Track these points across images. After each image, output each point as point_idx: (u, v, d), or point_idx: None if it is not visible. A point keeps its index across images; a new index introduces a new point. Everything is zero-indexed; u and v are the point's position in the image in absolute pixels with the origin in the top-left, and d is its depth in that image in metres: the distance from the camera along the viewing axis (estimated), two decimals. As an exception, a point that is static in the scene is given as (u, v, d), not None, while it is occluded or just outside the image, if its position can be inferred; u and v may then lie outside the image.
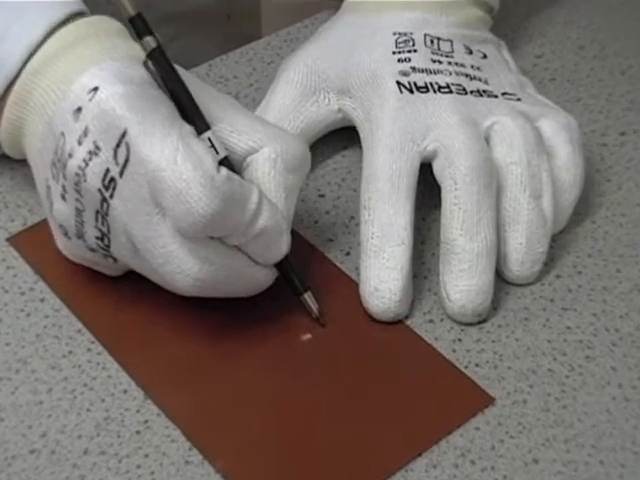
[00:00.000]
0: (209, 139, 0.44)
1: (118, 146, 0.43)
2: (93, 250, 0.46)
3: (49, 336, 0.47)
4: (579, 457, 0.44)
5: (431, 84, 0.52)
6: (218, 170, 0.42)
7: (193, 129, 0.44)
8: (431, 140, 0.50)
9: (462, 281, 0.47)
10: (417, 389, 0.46)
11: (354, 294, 0.49)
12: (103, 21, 0.48)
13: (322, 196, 0.55)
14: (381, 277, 0.48)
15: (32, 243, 0.51)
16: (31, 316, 0.48)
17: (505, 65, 0.56)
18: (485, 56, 0.55)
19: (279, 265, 0.47)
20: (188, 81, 0.46)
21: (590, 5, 0.68)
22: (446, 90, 0.52)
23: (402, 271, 0.48)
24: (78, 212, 0.45)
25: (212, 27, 0.72)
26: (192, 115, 0.45)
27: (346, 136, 0.56)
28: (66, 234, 0.46)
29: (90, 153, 0.43)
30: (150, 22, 0.45)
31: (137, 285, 0.48)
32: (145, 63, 0.45)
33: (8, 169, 0.54)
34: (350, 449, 0.43)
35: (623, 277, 0.51)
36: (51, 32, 0.46)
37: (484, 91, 0.53)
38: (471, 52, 0.55)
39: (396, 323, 0.48)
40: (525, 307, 0.49)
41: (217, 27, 0.73)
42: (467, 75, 0.53)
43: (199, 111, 0.45)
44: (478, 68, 0.54)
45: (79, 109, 0.44)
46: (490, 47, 0.56)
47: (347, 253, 0.52)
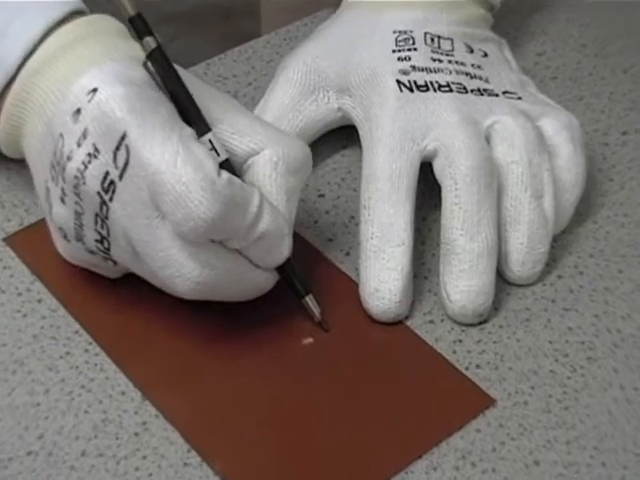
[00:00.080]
0: (210, 141, 0.44)
1: (118, 149, 0.42)
2: (93, 253, 0.46)
3: (46, 337, 0.47)
4: (581, 459, 0.43)
5: (431, 83, 0.52)
6: (219, 173, 0.42)
7: (194, 131, 0.43)
8: (431, 139, 0.50)
9: (463, 281, 0.47)
10: (417, 390, 0.46)
11: (354, 295, 0.48)
12: (103, 20, 0.47)
13: (322, 196, 0.55)
14: (381, 278, 0.47)
15: (29, 243, 0.51)
16: (28, 317, 0.48)
17: (506, 64, 0.56)
18: (486, 54, 0.55)
19: (280, 268, 0.46)
20: (188, 82, 0.45)
21: (592, 3, 0.68)
22: (446, 89, 0.52)
23: (402, 271, 0.47)
24: (77, 215, 0.45)
25: (211, 25, 0.72)
26: (193, 117, 0.44)
27: (345, 135, 0.56)
28: (65, 237, 0.46)
29: (89, 155, 0.43)
30: (149, 21, 0.45)
31: (136, 285, 0.47)
32: (145, 64, 0.45)
33: (4, 169, 0.54)
34: (349, 451, 0.43)
35: (625, 278, 0.51)
36: (50, 30, 0.46)
37: (485, 90, 0.52)
38: (472, 51, 0.55)
39: (396, 324, 0.48)
40: (526, 308, 0.49)
41: (216, 25, 0.72)
42: (467, 74, 0.53)
43: (200, 112, 0.45)
44: (479, 67, 0.54)
45: (78, 110, 0.44)
46: (491, 45, 0.56)
47: (347, 253, 0.51)
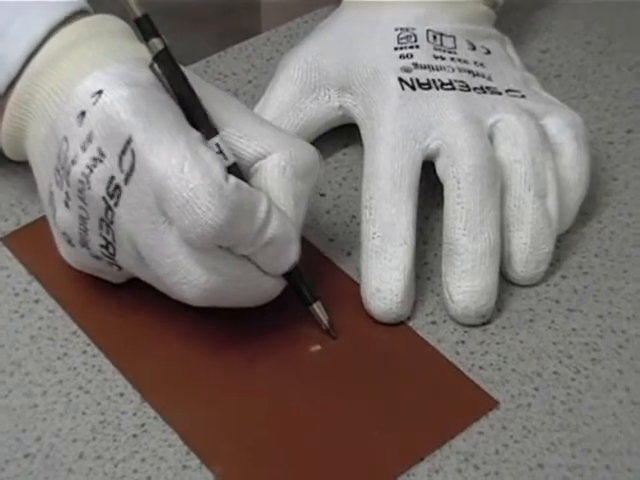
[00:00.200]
0: (217, 145, 0.43)
1: (123, 153, 0.42)
2: (97, 258, 0.45)
3: (44, 338, 0.47)
4: (585, 462, 0.43)
5: (433, 81, 0.51)
6: (226, 178, 0.41)
7: (201, 135, 0.43)
8: (433, 138, 0.49)
9: (465, 282, 0.47)
10: (419, 392, 0.45)
11: (355, 295, 0.48)
12: (107, 20, 0.47)
13: (322, 195, 0.54)
14: (383, 278, 0.47)
15: (26, 243, 0.50)
16: (25, 317, 0.48)
17: (509, 61, 0.55)
18: (489, 52, 0.55)
19: (288, 274, 0.45)
20: (195, 84, 0.45)
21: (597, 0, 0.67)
22: (449, 87, 0.51)
23: (404, 271, 0.47)
24: (82, 220, 0.44)
25: (210, 22, 0.72)
26: (200, 120, 0.44)
27: (347, 133, 0.56)
28: (70, 242, 0.46)
29: (94, 160, 0.43)
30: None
31: (136, 286, 0.47)
32: (151, 66, 0.44)
33: (1, 168, 0.54)
34: (351, 453, 0.43)
35: (630, 278, 0.50)
36: (53, 30, 0.46)
37: (487, 88, 0.52)
38: (474, 48, 0.54)
39: (398, 324, 0.48)
40: (530, 308, 0.49)
41: (215, 22, 0.72)
42: (470, 71, 0.53)
43: (207, 115, 0.44)
44: (481, 64, 0.53)
45: (83, 113, 0.43)
46: (494, 43, 0.56)
47: (348, 253, 0.51)
